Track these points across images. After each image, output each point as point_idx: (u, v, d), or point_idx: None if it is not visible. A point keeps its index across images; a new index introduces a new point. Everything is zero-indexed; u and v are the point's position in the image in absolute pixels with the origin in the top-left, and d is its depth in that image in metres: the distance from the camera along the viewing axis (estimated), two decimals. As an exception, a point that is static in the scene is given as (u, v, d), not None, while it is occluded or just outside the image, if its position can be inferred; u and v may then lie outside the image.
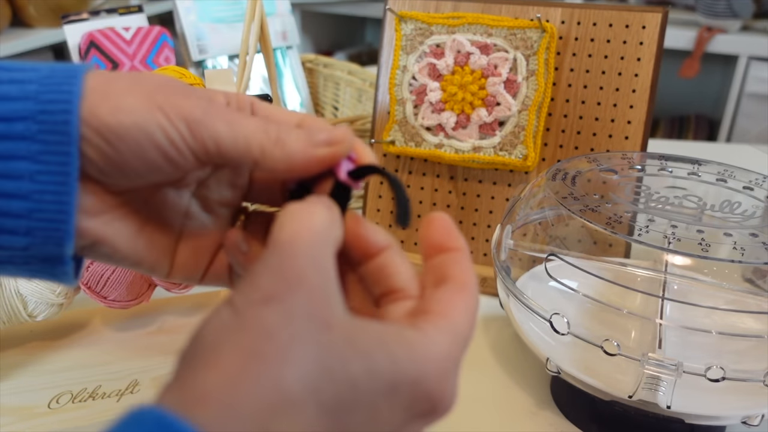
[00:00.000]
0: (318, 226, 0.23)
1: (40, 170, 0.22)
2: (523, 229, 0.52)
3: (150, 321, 0.56)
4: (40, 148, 0.22)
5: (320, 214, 0.23)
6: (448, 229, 0.26)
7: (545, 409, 0.49)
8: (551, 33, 0.59)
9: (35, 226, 0.23)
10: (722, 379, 0.39)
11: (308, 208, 0.23)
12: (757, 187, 0.51)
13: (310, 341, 0.20)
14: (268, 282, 0.20)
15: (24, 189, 0.22)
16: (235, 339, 0.20)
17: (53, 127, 0.22)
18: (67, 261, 0.24)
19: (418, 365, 0.21)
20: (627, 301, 0.48)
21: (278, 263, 0.21)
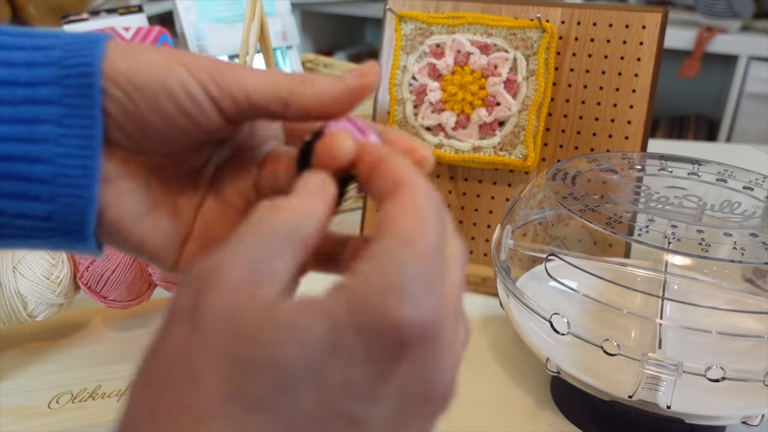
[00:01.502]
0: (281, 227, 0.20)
1: (64, 134, 0.22)
2: (523, 229, 0.52)
3: (150, 321, 0.56)
4: (65, 112, 0.22)
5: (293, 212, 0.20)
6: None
7: (545, 409, 0.49)
8: (551, 33, 0.59)
9: (58, 192, 0.22)
10: (722, 379, 0.39)
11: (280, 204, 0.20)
12: (757, 187, 0.51)
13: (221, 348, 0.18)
14: (183, 296, 0.19)
15: (48, 153, 0.22)
16: (150, 369, 0.19)
17: (77, 91, 0.22)
18: (89, 229, 0.23)
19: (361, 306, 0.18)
20: (627, 301, 0.48)
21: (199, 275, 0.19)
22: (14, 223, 0.23)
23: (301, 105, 0.24)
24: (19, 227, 0.23)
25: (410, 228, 0.19)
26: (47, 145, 0.22)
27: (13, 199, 0.22)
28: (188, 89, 0.23)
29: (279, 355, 0.17)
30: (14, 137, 0.22)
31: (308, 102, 0.24)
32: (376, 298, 0.17)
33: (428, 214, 0.20)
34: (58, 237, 0.23)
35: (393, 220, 0.19)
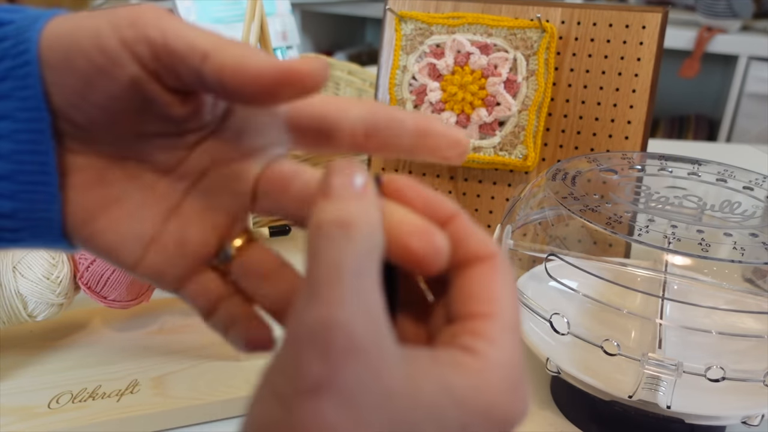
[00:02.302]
0: (357, 251, 0.18)
1: (18, 128, 0.21)
2: (523, 229, 0.52)
3: (150, 321, 0.56)
4: (17, 105, 0.21)
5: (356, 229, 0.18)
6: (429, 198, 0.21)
7: (545, 409, 0.49)
8: (551, 33, 0.59)
9: (19, 189, 0.22)
10: (722, 379, 0.39)
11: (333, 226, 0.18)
12: (757, 187, 0.51)
13: (375, 424, 0.17)
14: (313, 363, 0.17)
15: (6, 149, 0.21)
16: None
17: (23, 83, 0.21)
18: (56, 225, 0.22)
19: (485, 397, 0.19)
20: (627, 301, 0.48)
21: (321, 330, 0.17)
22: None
23: (218, 64, 0.20)
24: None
25: (513, 311, 0.21)
26: (4, 142, 0.21)
27: None
28: (99, 38, 0.21)
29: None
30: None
31: (227, 63, 0.20)
32: (502, 395, 0.19)
33: (513, 286, 0.21)
34: (29, 237, 0.23)
35: (497, 299, 0.20)
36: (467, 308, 0.20)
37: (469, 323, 0.20)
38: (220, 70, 0.21)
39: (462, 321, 0.20)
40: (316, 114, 0.23)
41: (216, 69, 0.21)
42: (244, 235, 0.25)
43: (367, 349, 0.17)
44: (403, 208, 0.21)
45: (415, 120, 0.23)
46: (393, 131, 0.23)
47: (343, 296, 0.17)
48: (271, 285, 0.24)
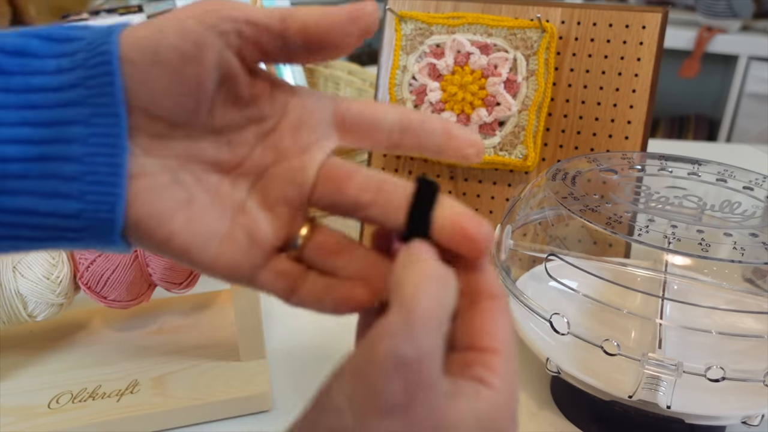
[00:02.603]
0: (445, 306, 0.21)
1: (92, 133, 0.23)
2: (523, 229, 0.52)
3: (150, 321, 0.56)
4: (91, 111, 0.23)
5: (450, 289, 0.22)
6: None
7: (545, 409, 0.49)
8: (551, 33, 0.59)
9: (87, 189, 0.23)
10: (722, 379, 0.39)
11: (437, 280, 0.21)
12: (757, 187, 0.51)
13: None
14: (397, 389, 0.19)
15: (77, 152, 0.23)
16: None
17: (100, 90, 0.23)
18: (118, 227, 0.23)
19: (499, 422, 0.22)
20: (627, 301, 0.48)
21: (411, 365, 0.20)
22: (46, 222, 0.23)
23: (300, 21, 0.24)
24: (51, 227, 0.23)
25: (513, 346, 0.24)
26: (76, 145, 0.23)
27: (46, 198, 0.23)
28: (184, 28, 0.23)
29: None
30: (49, 139, 0.23)
31: (307, 18, 0.24)
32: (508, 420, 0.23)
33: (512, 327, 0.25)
34: (89, 237, 0.24)
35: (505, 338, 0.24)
36: (481, 342, 0.23)
37: (483, 356, 0.23)
38: (303, 25, 0.24)
39: (475, 352, 0.23)
40: (360, 113, 0.26)
41: (299, 25, 0.24)
42: (308, 222, 0.27)
43: (434, 386, 0.20)
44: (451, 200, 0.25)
45: (441, 122, 0.26)
46: (424, 133, 0.26)
47: (432, 342, 0.20)
48: (344, 259, 0.26)
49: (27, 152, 0.22)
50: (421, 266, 0.22)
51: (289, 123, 0.26)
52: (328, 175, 0.26)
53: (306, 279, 0.26)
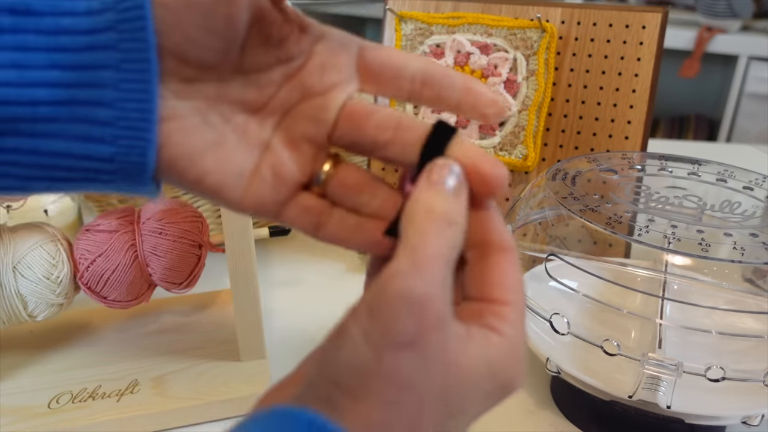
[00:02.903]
0: (451, 245, 0.22)
1: (123, 78, 0.23)
2: (523, 229, 0.52)
3: (150, 321, 0.56)
4: (122, 57, 0.23)
5: (455, 228, 0.23)
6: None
7: (545, 409, 0.49)
8: (551, 33, 0.59)
9: (120, 134, 0.23)
10: (722, 379, 0.39)
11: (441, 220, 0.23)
12: (757, 187, 0.51)
13: (439, 388, 0.22)
14: (409, 325, 0.21)
15: (109, 97, 0.23)
16: (377, 388, 0.21)
17: (131, 35, 0.23)
18: (149, 170, 0.24)
19: (507, 370, 0.23)
20: (627, 301, 0.48)
21: (421, 301, 0.21)
22: (81, 164, 0.23)
23: None
24: (85, 169, 0.24)
25: (523, 298, 0.25)
26: (108, 90, 0.23)
27: (79, 141, 0.23)
28: None
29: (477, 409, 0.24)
30: (79, 83, 0.23)
31: None
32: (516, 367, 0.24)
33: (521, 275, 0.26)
34: (121, 179, 0.24)
35: (517, 289, 0.24)
36: (493, 293, 0.24)
37: (495, 306, 0.24)
38: None
39: (487, 303, 0.24)
40: (384, 60, 0.26)
41: None
42: (331, 159, 0.27)
43: (444, 323, 0.22)
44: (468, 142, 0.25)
45: (463, 78, 0.26)
46: (445, 85, 0.26)
47: (439, 280, 0.21)
48: (367, 196, 0.27)
49: (56, 95, 0.22)
50: (427, 205, 0.23)
51: (316, 63, 0.27)
52: (349, 113, 0.26)
53: (332, 215, 0.27)
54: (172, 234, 0.49)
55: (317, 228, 0.27)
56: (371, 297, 0.21)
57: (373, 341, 0.21)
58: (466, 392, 0.22)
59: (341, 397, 0.21)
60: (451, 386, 0.22)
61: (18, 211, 0.61)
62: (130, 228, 0.49)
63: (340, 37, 0.27)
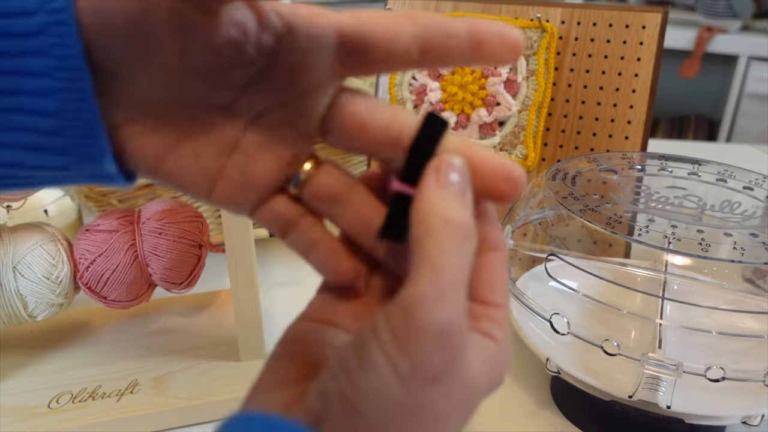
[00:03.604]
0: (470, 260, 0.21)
1: (59, 87, 0.21)
2: (523, 229, 0.52)
3: (150, 321, 0.56)
4: (55, 64, 0.21)
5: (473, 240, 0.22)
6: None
7: (545, 409, 0.49)
8: (551, 33, 0.59)
9: (72, 143, 0.22)
10: (722, 379, 0.39)
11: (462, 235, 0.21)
12: (757, 187, 0.51)
13: (457, 412, 0.22)
14: (438, 359, 0.20)
15: (51, 107, 0.22)
16: (403, 423, 0.20)
17: (60, 41, 0.21)
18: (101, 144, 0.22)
19: (497, 373, 0.23)
20: (627, 301, 0.48)
21: (448, 331, 0.20)
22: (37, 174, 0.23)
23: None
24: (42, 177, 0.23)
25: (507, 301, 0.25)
26: (49, 100, 0.21)
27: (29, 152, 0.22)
28: None
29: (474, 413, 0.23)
30: (16, 90, 0.21)
31: None
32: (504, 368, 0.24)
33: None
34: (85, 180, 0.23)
35: (506, 291, 0.24)
36: (486, 295, 0.24)
37: (489, 310, 0.24)
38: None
39: (482, 305, 0.24)
40: (368, 39, 0.23)
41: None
42: (312, 159, 0.26)
43: (465, 348, 0.21)
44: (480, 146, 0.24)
45: (469, 31, 0.23)
46: (448, 46, 0.23)
47: (463, 303, 0.21)
48: (343, 206, 0.25)
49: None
50: (444, 215, 0.21)
51: (285, 64, 0.23)
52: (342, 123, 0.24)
53: (301, 224, 0.26)
54: (172, 234, 0.49)
55: (284, 234, 0.26)
56: (397, 322, 0.20)
57: (402, 375, 0.20)
58: (472, 407, 0.23)
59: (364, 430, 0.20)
60: (464, 407, 0.22)
61: (18, 211, 0.61)
62: (130, 228, 0.49)
63: (311, 28, 0.23)
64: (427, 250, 0.20)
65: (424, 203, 0.21)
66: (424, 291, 0.20)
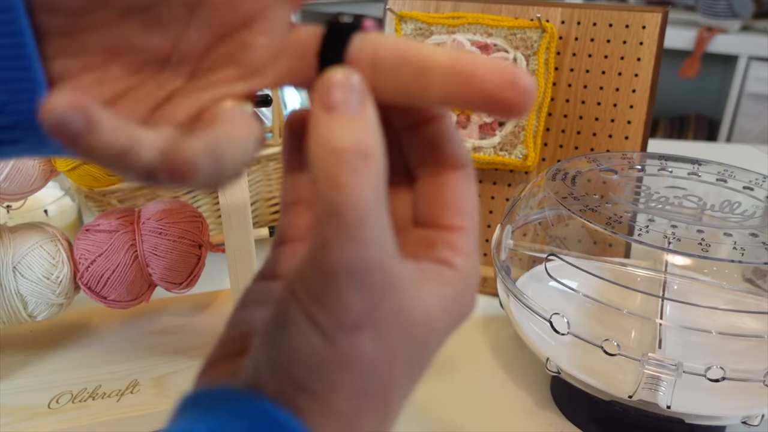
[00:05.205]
0: (375, 182, 0.18)
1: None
2: (523, 229, 0.52)
3: (150, 321, 0.56)
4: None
5: (372, 158, 0.18)
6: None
7: (545, 409, 0.49)
8: (551, 33, 0.59)
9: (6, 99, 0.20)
10: (722, 379, 0.39)
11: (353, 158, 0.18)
12: (757, 187, 0.51)
13: (403, 357, 0.20)
14: (355, 302, 0.18)
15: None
16: (337, 379, 0.19)
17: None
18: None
19: (461, 304, 0.22)
20: (627, 301, 0.48)
21: (360, 270, 0.18)
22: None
23: None
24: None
25: (477, 224, 0.23)
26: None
27: None
28: None
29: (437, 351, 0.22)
30: None
31: None
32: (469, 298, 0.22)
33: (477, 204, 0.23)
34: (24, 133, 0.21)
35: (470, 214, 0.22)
36: (444, 220, 0.22)
37: (446, 235, 0.22)
38: None
39: (438, 230, 0.22)
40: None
41: None
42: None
43: (395, 283, 0.19)
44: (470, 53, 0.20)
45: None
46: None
47: (374, 234, 0.18)
48: None
49: None
50: (330, 143, 0.18)
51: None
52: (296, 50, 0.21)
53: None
54: (172, 234, 0.49)
55: None
56: (308, 274, 0.18)
57: (322, 328, 0.18)
58: (427, 343, 0.21)
59: (301, 396, 0.19)
60: (413, 346, 0.20)
61: (18, 211, 0.61)
62: (130, 228, 0.49)
63: None
64: (321, 190, 0.18)
65: (311, 134, 0.18)
66: (325, 235, 0.18)
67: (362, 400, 0.19)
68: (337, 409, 0.19)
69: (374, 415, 0.20)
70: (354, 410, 0.19)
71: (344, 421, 0.19)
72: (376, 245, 0.18)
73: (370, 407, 0.20)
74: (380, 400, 0.20)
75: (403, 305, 0.19)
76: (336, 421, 0.19)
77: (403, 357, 0.20)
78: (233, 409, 0.19)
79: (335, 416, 0.19)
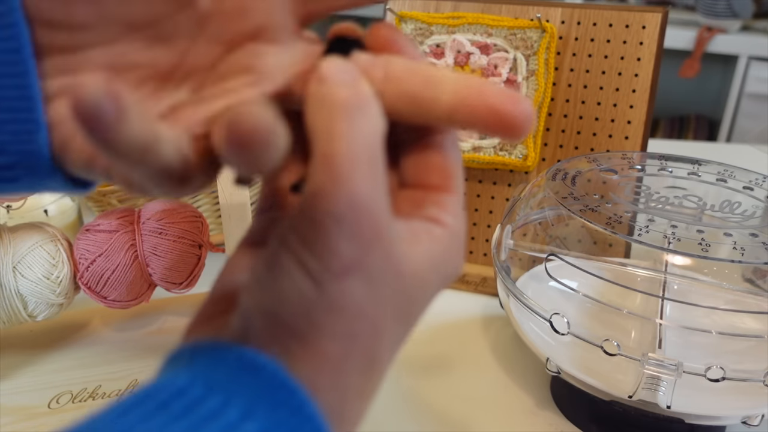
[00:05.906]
0: (370, 132, 0.19)
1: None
2: (523, 229, 0.52)
3: (150, 321, 0.56)
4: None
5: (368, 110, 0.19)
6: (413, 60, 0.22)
7: (545, 409, 0.49)
8: (551, 33, 0.59)
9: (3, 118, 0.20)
10: (722, 379, 0.39)
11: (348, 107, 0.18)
12: (757, 187, 0.51)
13: (392, 306, 0.20)
14: (345, 246, 0.18)
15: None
16: (326, 322, 0.19)
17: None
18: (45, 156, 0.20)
19: (450, 262, 0.22)
20: (627, 301, 0.48)
21: (350, 214, 0.18)
22: None
23: None
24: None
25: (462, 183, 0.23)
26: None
27: None
28: None
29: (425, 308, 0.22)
30: None
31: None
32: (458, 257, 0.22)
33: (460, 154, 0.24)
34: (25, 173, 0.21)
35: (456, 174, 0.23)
36: (432, 180, 0.22)
37: (434, 195, 0.22)
38: None
39: (425, 190, 0.22)
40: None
41: None
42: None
43: (385, 234, 0.19)
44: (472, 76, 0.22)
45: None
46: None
47: (366, 183, 0.18)
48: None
49: None
50: (326, 99, 0.19)
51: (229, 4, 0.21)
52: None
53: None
54: (172, 234, 0.49)
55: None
56: (299, 223, 0.19)
57: (312, 273, 0.19)
58: (415, 298, 0.21)
59: (290, 340, 0.19)
60: (402, 299, 0.20)
61: (18, 211, 0.61)
62: (130, 228, 0.49)
63: None
64: (314, 141, 0.19)
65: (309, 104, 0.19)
66: (317, 183, 0.18)
67: (349, 343, 0.19)
68: (324, 352, 0.19)
69: (361, 362, 0.20)
70: (341, 353, 0.19)
71: (331, 364, 0.19)
72: (368, 195, 0.18)
73: (357, 352, 0.20)
74: (368, 346, 0.20)
75: (392, 256, 0.20)
76: (323, 364, 0.19)
77: (391, 307, 0.20)
78: (214, 357, 0.19)
79: (322, 359, 0.19)
